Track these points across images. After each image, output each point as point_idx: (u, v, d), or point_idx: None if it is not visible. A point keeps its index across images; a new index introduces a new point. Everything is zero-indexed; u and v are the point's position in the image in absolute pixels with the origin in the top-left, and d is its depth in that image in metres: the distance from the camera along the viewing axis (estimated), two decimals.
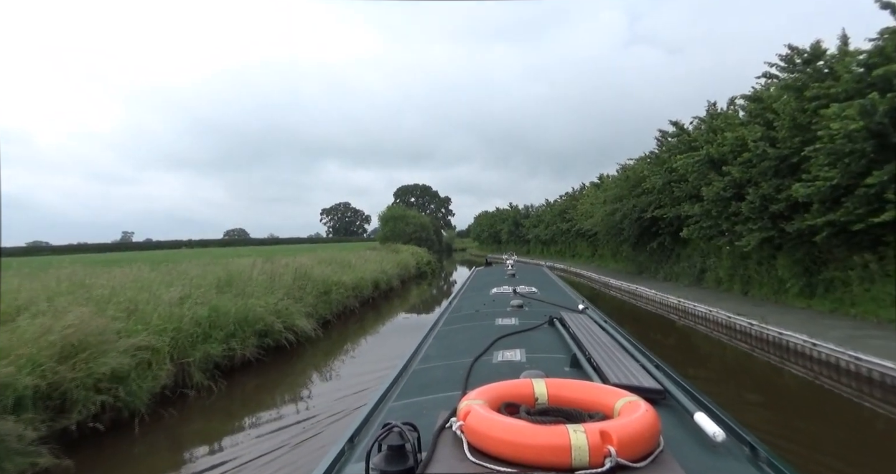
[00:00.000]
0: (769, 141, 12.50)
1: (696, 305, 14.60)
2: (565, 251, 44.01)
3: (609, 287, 24.39)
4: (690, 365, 10.74)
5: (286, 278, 13.08)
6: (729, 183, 14.09)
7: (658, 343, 13.65)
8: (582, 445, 1.35)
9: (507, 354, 3.15)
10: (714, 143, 15.22)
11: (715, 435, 1.79)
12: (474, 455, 1.48)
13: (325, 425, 7.20)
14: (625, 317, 17.78)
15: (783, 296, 13.67)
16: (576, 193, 42.58)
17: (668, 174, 18.75)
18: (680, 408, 2.20)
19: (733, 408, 2.72)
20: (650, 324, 16.27)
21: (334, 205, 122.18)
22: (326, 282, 15.28)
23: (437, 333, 4.49)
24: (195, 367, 7.99)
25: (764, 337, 11.00)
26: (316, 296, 13.87)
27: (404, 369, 3.32)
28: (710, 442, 1.81)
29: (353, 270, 19.71)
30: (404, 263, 28.70)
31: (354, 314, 16.79)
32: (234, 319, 9.48)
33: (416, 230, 55.20)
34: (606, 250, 33.37)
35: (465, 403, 1.66)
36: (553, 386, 1.86)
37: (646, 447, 1.46)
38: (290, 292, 12.48)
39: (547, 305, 5.32)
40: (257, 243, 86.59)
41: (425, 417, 1.97)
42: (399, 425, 1.49)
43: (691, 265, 19.77)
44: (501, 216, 68.88)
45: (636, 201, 22.02)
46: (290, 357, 11.15)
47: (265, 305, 10.63)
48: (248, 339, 9.48)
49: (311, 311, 12.88)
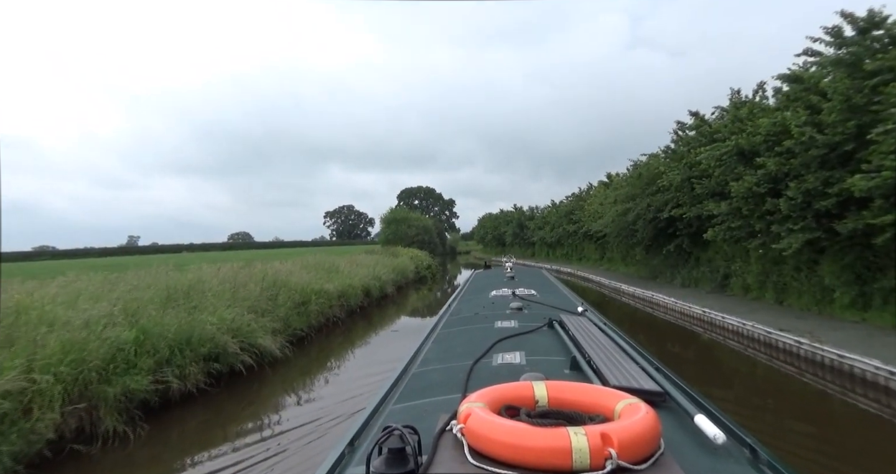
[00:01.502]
0: (814, 126, 10.66)
1: (726, 317, 12.76)
2: (572, 254, 42.13)
3: (621, 293, 22.55)
4: (717, 386, 9.07)
5: (252, 288, 11.32)
6: (763, 177, 12.25)
7: (677, 357, 11.93)
8: (583, 447, 1.36)
9: (507, 357, 3.13)
10: (743, 133, 13.39)
11: (715, 438, 1.77)
12: (475, 457, 1.49)
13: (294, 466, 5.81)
14: (639, 327, 16.00)
15: (828, 306, 11.81)
16: (583, 194, 40.75)
17: (688, 169, 16.90)
18: (680, 411, 2.17)
19: (776, 442, 2.95)
20: (669, 336, 14.48)
21: (337, 208, 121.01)
22: (305, 290, 13.53)
23: (436, 336, 4.44)
24: (108, 408, 6.24)
25: (818, 359, 9.16)
26: (290, 307, 12.13)
27: (404, 372, 3.29)
28: (710, 444, 1.80)
29: (340, 276, 17.97)
30: (401, 268, 26.92)
31: (339, 326, 15.02)
32: (173, 342, 7.74)
33: (419, 233, 54.55)
34: (616, 253, 31.54)
35: (466, 406, 1.66)
36: (553, 389, 1.85)
37: (646, 449, 1.45)
38: (257, 304, 10.73)
39: (546, 308, 5.25)
40: (259, 247, 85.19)
41: (425, 420, 1.97)
42: (399, 428, 1.50)
43: (713, 270, 17.90)
44: (505, 218, 66.86)
45: (651, 200, 20.17)
46: (251, 383, 9.40)
47: (218, 322, 8.88)
48: (190, 366, 7.72)
49: (280, 326, 11.13)
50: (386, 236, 51.88)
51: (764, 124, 12.16)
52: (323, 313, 14.11)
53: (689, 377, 3.00)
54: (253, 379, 9.48)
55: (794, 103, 11.93)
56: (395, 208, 61.63)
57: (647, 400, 1.73)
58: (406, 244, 47.61)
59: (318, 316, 13.67)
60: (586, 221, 34.32)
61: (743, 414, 7.24)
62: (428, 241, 56.32)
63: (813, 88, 11.35)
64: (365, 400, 5.29)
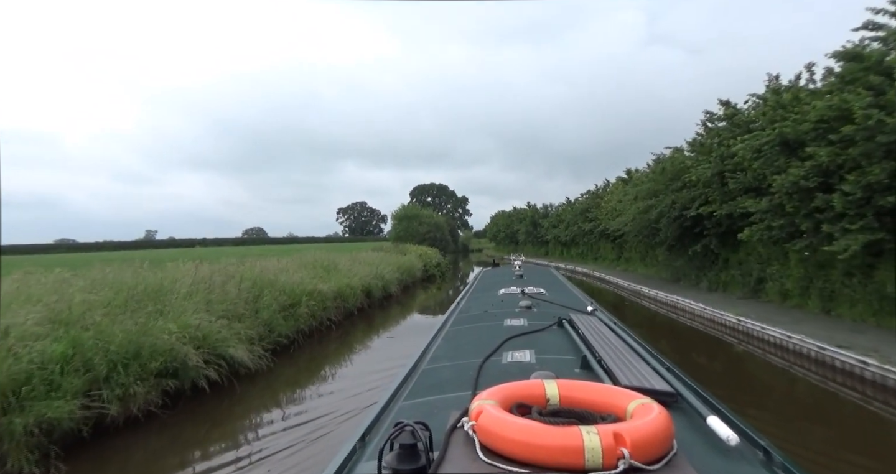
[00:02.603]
0: (880, 109, 9.13)
1: (767, 328, 11.26)
2: (587, 253, 40.53)
3: (640, 296, 21.05)
4: (754, 406, 7.74)
5: (229, 289, 10.06)
6: (813, 169, 10.73)
7: (704, 368, 10.58)
8: (595, 447, 1.35)
9: (517, 355, 3.11)
10: (788, 120, 11.85)
11: (728, 439, 1.74)
12: (486, 455, 1.48)
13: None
14: (661, 334, 14.56)
15: (889, 319, 10.27)
16: (599, 191, 39.14)
17: (720, 163, 15.35)
18: (692, 412, 2.14)
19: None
20: (696, 346, 13.08)
21: (350, 204, 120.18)
22: (294, 291, 12.26)
23: (445, 333, 4.44)
24: (14, 444, 4.99)
25: (889, 384, 7.68)
26: (275, 310, 10.86)
27: (413, 369, 3.26)
28: (723, 445, 1.77)
29: (339, 275, 16.70)
30: (407, 266, 25.58)
31: (333, 330, 13.73)
32: (117, 355, 6.48)
33: (430, 230, 53.75)
34: (635, 253, 29.96)
35: (477, 403, 1.66)
36: (564, 388, 1.84)
37: (659, 449, 1.45)
38: (233, 308, 9.47)
39: (555, 306, 5.21)
40: (273, 242, 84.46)
41: (436, 417, 1.97)
42: (411, 424, 1.49)
43: (745, 273, 16.33)
44: (519, 216, 65.23)
45: (675, 197, 18.63)
46: (220, 400, 8.14)
47: (179, 330, 7.62)
48: (136, 385, 6.45)
49: (262, 333, 9.86)
50: (397, 233, 50.94)
51: (817, 108, 10.59)
52: (315, 316, 12.84)
53: (722, 396, 2.76)
54: (223, 396, 8.21)
55: (850, 85, 10.40)
56: (406, 205, 60.44)
57: (659, 401, 1.68)
58: (417, 241, 46.60)
59: (309, 319, 12.40)
60: (603, 219, 32.80)
61: (792, 443, 5.86)
62: (439, 239, 55.45)
63: (875, 67, 9.81)
64: (356, 419, 5.16)
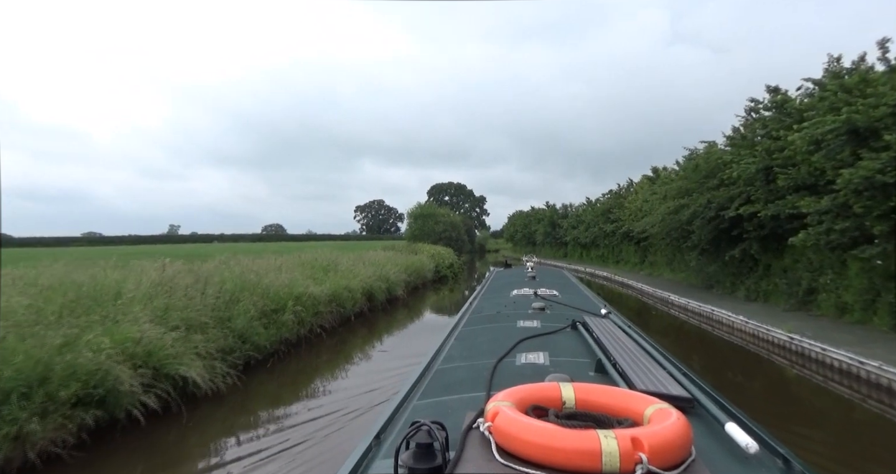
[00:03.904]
0: None
1: (829, 350, 9.48)
2: (608, 256, 38.60)
3: (669, 304, 19.25)
4: (817, 441, 6.48)
5: (194, 293, 8.60)
6: (892, 161, 8.96)
7: (743, 391, 9.05)
8: (613, 451, 1.33)
9: (530, 356, 3.09)
10: (855, 105, 10.05)
11: (748, 447, 1.73)
12: (503, 456, 1.47)
13: None
14: (692, 348, 12.91)
15: None
16: (622, 190, 37.21)
17: (767, 157, 13.54)
18: (710, 418, 2.12)
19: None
20: (734, 365, 11.52)
21: (368, 202, 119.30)
22: (279, 295, 10.80)
23: (458, 334, 4.40)
24: None
25: None
26: (252, 318, 9.40)
27: (427, 368, 3.26)
28: (742, 453, 1.76)
29: (338, 276, 15.24)
30: (416, 267, 24.04)
31: (324, 339, 12.22)
32: (14, 383, 5.04)
33: (446, 229, 52.63)
34: (660, 257, 28.04)
35: (494, 404, 1.65)
36: (580, 391, 1.83)
37: (677, 455, 1.43)
38: (195, 316, 8.00)
39: (569, 309, 5.14)
40: (290, 239, 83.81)
41: (450, 417, 1.97)
42: (428, 423, 1.50)
43: (792, 282, 14.47)
44: (537, 216, 63.20)
45: (711, 196, 16.81)
46: (166, 432, 6.69)
47: (114, 345, 6.17)
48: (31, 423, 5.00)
49: (231, 344, 8.41)
50: (412, 232, 49.91)
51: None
52: (304, 323, 11.37)
53: (775, 426, 2.53)
54: (171, 425, 6.77)
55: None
56: (422, 203, 59.15)
57: (676, 406, 1.65)
58: (433, 240, 45.52)
59: (296, 327, 10.94)
60: (627, 220, 30.95)
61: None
62: (455, 238, 54.26)
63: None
64: (371, 417, 5.13)
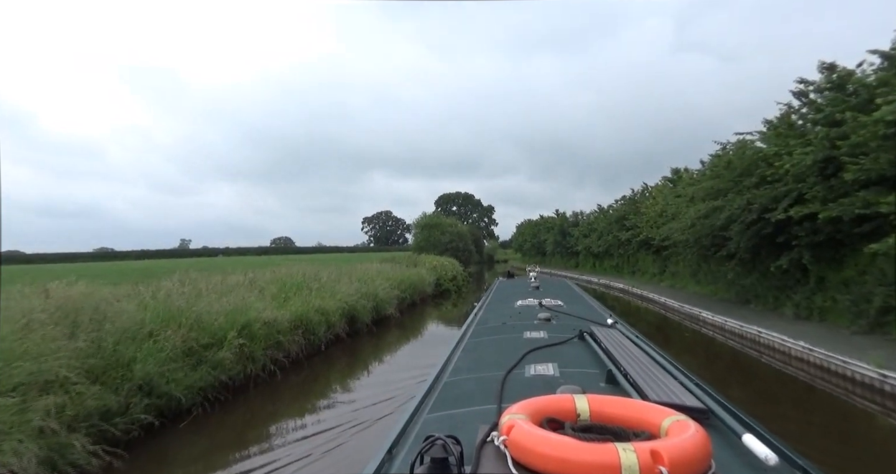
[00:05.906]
0: None
1: None
2: (623, 266, 35.91)
3: (699, 322, 16.65)
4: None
5: (60, 331, 6.23)
6: None
7: (827, 449, 6.39)
8: (632, 464, 1.31)
9: (539, 368, 3.07)
10: None
11: (767, 458, 1.71)
12: (519, 470, 1.46)
13: None
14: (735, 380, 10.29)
15: None
16: (637, 196, 34.62)
17: (828, 146, 11.04)
18: (726, 429, 2.10)
19: None
20: (799, 405, 8.89)
21: (375, 214, 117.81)
22: (215, 325, 8.42)
23: (465, 345, 4.38)
24: None
25: None
26: (168, 359, 7.03)
27: (436, 381, 3.24)
28: (760, 465, 1.75)
29: (312, 296, 12.86)
30: (413, 281, 21.59)
31: (279, 376, 9.75)
32: None
33: (453, 239, 50.99)
34: (682, 267, 25.37)
35: (508, 417, 1.64)
36: (595, 403, 1.81)
37: (697, 468, 1.41)
38: (49, 366, 5.63)
39: (575, 319, 5.13)
40: (298, 251, 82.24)
41: (463, 430, 1.92)
42: (443, 438, 1.49)
43: (858, 298, 11.88)
44: (546, 224, 60.52)
45: (751, 195, 14.31)
46: None
47: None
48: None
49: (118, 403, 6.02)
50: (418, 243, 48.55)
51: None
52: (253, 358, 8.99)
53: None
54: None
55: None
56: (428, 214, 57.16)
57: (691, 417, 1.65)
58: (439, 251, 43.75)
59: (238, 365, 8.56)
60: (644, 227, 28.40)
61: None
62: (462, 249, 52.33)
63: None
64: (382, 431, 5.26)
